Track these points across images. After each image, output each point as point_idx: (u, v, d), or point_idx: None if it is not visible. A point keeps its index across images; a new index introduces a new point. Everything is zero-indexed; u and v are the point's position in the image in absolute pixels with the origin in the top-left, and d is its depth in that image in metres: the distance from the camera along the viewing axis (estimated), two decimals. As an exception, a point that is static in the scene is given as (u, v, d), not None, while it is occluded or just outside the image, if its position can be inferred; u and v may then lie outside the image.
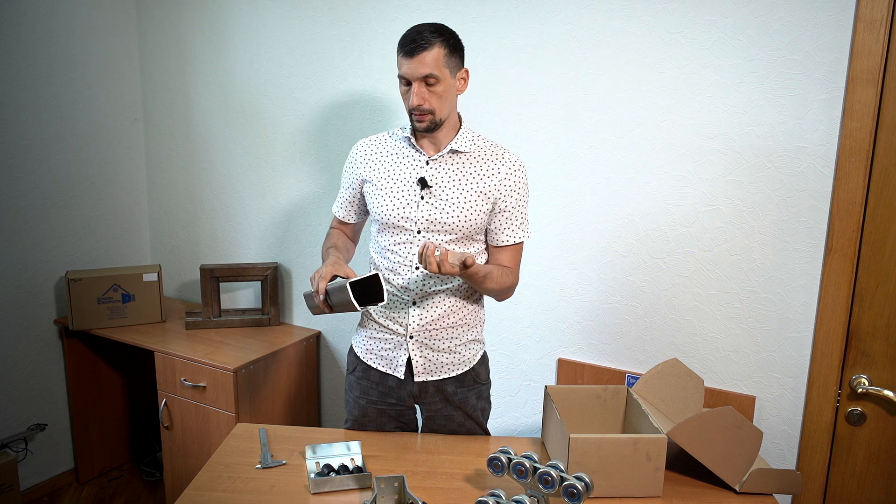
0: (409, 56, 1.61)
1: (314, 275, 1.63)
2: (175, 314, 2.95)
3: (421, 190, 1.72)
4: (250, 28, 2.76)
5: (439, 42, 1.61)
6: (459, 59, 1.68)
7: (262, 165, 2.85)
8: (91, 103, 2.92)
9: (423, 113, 1.66)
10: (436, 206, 1.71)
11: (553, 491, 1.42)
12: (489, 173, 1.73)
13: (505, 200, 1.74)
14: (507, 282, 1.77)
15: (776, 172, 1.93)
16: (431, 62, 1.60)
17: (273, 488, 1.59)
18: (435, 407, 1.86)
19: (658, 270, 2.14)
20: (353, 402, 1.89)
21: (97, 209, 3.00)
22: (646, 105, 2.07)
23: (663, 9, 2.00)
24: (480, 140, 1.78)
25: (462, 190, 1.71)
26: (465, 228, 1.72)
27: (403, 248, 1.75)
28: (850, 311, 1.90)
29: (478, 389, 1.88)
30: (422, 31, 1.62)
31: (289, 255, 2.86)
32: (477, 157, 1.75)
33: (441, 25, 1.66)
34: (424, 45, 1.60)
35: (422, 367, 1.80)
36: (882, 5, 1.73)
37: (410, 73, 1.62)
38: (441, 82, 1.63)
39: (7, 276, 2.69)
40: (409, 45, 1.61)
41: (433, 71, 1.61)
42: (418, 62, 1.60)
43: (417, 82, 1.63)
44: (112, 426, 3.07)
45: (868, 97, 1.78)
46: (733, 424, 1.58)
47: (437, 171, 1.73)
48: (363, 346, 1.87)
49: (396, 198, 1.73)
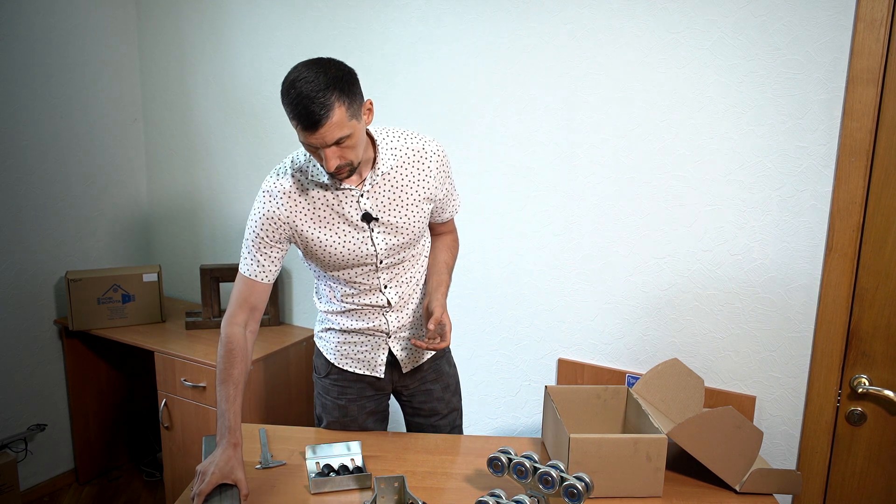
0: (313, 129, 1.40)
1: (199, 469, 1.46)
2: (175, 314, 2.95)
3: (368, 225, 1.63)
4: (250, 28, 2.76)
5: (338, 99, 1.40)
6: (360, 97, 1.47)
7: (262, 165, 2.84)
8: (91, 103, 2.92)
9: (341, 169, 1.49)
10: (388, 231, 1.65)
11: (553, 491, 1.42)
12: (422, 176, 1.67)
13: (441, 190, 1.73)
14: (455, 250, 1.89)
15: (776, 172, 1.93)
16: (337, 125, 1.40)
17: (273, 488, 1.59)
18: (413, 386, 1.88)
19: (658, 270, 2.14)
20: (332, 405, 1.86)
21: (97, 209, 3.00)
22: (646, 105, 2.07)
23: (663, 9, 2.00)
24: (397, 142, 1.65)
25: (405, 204, 1.66)
26: (418, 236, 1.73)
27: (367, 276, 1.69)
28: (850, 311, 1.90)
29: (447, 357, 1.93)
30: (313, 98, 1.38)
31: (288, 255, 2.86)
32: (404, 165, 1.65)
33: (328, 70, 1.42)
34: (325, 113, 1.38)
35: (407, 359, 1.82)
36: (882, 5, 1.73)
37: (318, 143, 1.43)
38: (353, 135, 1.45)
39: (7, 277, 2.69)
40: (307, 118, 1.39)
41: (343, 132, 1.42)
42: (325, 132, 1.40)
43: (329, 149, 1.44)
44: (112, 426, 3.07)
45: (868, 97, 1.78)
46: (733, 424, 1.58)
47: (374, 199, 1.62)
48: (336, 352, 1.82)
49: (348, 242, 1.62)
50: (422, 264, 1.80)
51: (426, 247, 1.82)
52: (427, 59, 2.39)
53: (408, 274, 1.76)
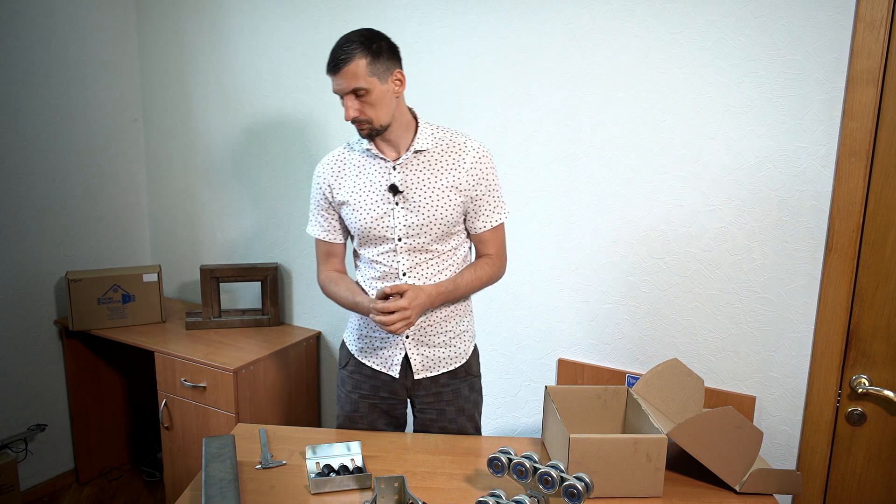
0: (334, 72, 1.61)
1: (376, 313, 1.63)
2: (175, 314, 2.95)
3: (394, 197, 1.72)
4: (250, 28, 2.76)
5: (360, 52, 1.59)
6: (389, 63, 1.65)
7: (261, 166, 2.85)
8: (91, 104, 2.92)
9: (361, 123, 1.66)
10: (411, 209, 1.72)
11: (553, 491, 1.42)
12: (455, 166, 1.73)
13: (476, 189, 1.75)
14: (484, 276, 1.81)
15: (776, 172, 1.93)
16: (355, 75, 1.59)
17: (273, 489, 1.59)
18: (427, 400, 1.87)
19: (658, 270, 2.14)
20: (346, 397, 1.90)
21: (97, 209, 3.00)
22: (646, 105, 2.07)
23: (663, 9, 2.00)
24: (440, 132, 1.77)
25: (433, 188, 1.72)
26: (442, 226, 1.73)
27: (387, 256, 1.76)
28: (850, 312, 1.90)
29: (470, 381, 1.90)
30: (342, 45, 1.61)
31: (289, 255, 2.86)
32: (441, 151, 1.74)
33: (364, 33, 1.63)
34: (345, 59, 1.59)
35: (420, 364, 1.81)
36: (882, 5, 1.73)
37: (338, 88, 1.63)
38: (371, 92, 1.62)
39: (7, 277, 2.69)
40: (331, 62, 1.61)
41: (359, 83, 1.60)
42: (342, 77, 1.60)
43: (348, 96, 1.63)
44: (112, 426, 3.07)
45: (868, 97, 1.78)
46: (733, 424, 1.58)
47: (405, 175, 1.72)
48: (357, 344, 1.88)
49: (372, 210, 1.73)
50: (448, 267, 1.78)
51: (457, 255, 1.80)
52: (427, 59, 2.39)
53: (430, 269, 1.76)
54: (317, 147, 2.69)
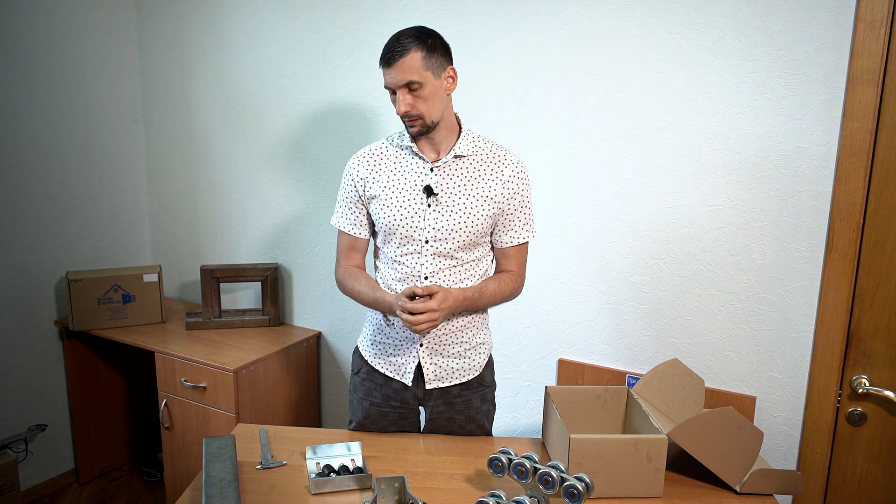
0: (388, 65, 1.61)
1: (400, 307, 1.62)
2: (175, 314, 2.95)
3: (427, 198, 1.71)
4: (250, 28, 2.76)
5: (415, 46, 1.59)
6: (442, 59, 1.65)
7: (262, 166, 2.85)
8: (91, 104, 2.92)
9: (413, 118, 1.65)
10: (442, 213, 1.70)
11: (553, 491, 1.42)
12: (493, 176, 1.73)
13: (509, 203, 1.74)
14: (506, 291, 1.80)
15: (776, 173, 1.93)
16: (410, 68, 1.59)
17: (273, 489, 1.59)
18: (438, 409, 1.86)
19: (658, 271, 2.14)
20: (357, 404, 1.89)
21: (97, 209, 3.00)
22: (646, 105, 2.07)
23: (663, 9, 2.00)
24: (481, 141, 1.77)
25: (468, 196, 1.71)
26: (471, 235, 1.72)
27: (411, 258, 1.74)
28: (850, 312, 1.90)
29: (482, 392, 1.88)
30: (398, 38, 1.61)
31: (289, 255, 2.86)
32: (480, 160, 1.74)
33: (418, 28, 1.64)
34: (401, 51, 1.59)
35: (433, 374, 1.80)
36: (882, 5, 1.73)
37: (392, 81, 1.62)
38: (424, 86, 1.62)
39: (7, 277, 2.69)
40: (386, 55, 1.61)
41: (413, 77, 1.60)
42: (397, 70, 1.60)
43: (401, 90, 1.62)
44: (112, 426, 3.07)
45: (868, 97, 1.78)
46: (734, 425, 1.58)
47: (441, 178, 1.71)
48: (370, 350, 1.86)
49: (403, 207, 1.71)
50: (470, 277, 1.77)
51: (480, 267, 1.79)
52: (427, 59, 2.39)
53: (452, 276, 1.74)
54: (317, 147, 2.69)
